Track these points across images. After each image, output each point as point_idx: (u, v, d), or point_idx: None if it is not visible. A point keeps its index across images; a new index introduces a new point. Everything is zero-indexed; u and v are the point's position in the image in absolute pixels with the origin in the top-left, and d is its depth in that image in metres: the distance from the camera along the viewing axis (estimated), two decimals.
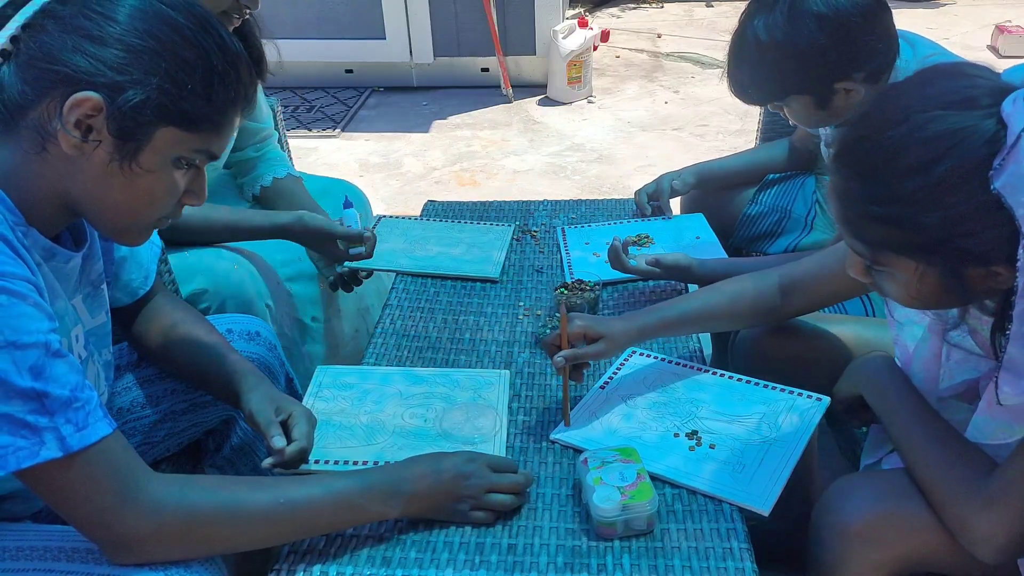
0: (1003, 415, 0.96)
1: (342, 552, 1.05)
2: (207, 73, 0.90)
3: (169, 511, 0.90)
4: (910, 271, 0.92)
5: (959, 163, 0.84)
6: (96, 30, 0.86)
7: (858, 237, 0.94)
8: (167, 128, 0.90)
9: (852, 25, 1.37)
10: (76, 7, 0.87)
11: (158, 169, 0.92)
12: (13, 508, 1.06)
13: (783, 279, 1.32)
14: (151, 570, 0.91)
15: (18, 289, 0.83)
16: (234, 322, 1.36)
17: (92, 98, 0.86)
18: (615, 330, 1.28)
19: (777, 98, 1.48)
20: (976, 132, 0.84)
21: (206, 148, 0.95)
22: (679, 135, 3.83)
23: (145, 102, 0.87)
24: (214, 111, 0.93)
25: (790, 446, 1.18)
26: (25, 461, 0.82)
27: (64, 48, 0.86)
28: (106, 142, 0.88)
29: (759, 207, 1.90)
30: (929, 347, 1.10)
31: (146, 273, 1.24)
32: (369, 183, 3.40)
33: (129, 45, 0.86)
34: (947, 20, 5.15)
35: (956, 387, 1.09)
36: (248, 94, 0.97)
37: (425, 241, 1.82)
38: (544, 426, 1.28)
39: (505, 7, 4.15)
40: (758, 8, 1.43)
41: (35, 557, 0.95)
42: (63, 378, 0.84)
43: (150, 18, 0.88)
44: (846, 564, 1.06)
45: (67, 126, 0.86)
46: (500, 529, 1.09)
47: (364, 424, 1.25)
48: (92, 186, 0.91)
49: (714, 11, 5.61)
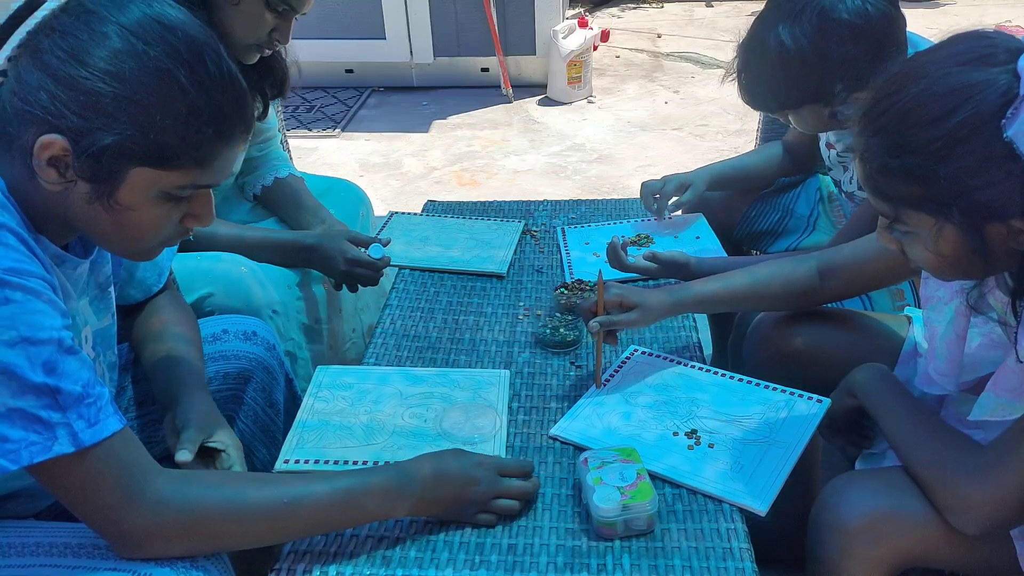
0: (1006, 393, 0.98)
1: (342, 551, 1.05)
2: (179, 112, 0.87)
3: (174, 508, 0.90)
4: (929, 227, 0.93)
5: (973, 114, 0.86)
6: (63, 71, 0.84)
7: (878, 194, 0.96)
8: (140, 168, 0.88)
9: (880, 35, 1.35)
10: (54, 41, 0.85)
11: (140, 206, 0.90)
12: (17, 508, 1.06)
13: (821, 263, 1.33)
14: (157, 565, 0.91)
15: (33, 286, 0.83)
16: (231, 323, 1.36)
17: (57, 141, 0.85)
18: (650, 300, 1.31)
19: (791, 107, 1.44)
20: (991, 85, 0.86)
21: (191, 183, 0.92)
22: (679, 135, 3.83)
23: (109, 146, 0.85)
24: (192, 149, 0.89)
25: (789, 446, 1.18)
26: (38, 456, 0.82)
27: (33, 87, 0.85)
28: (81, 182, 0.87)
29: (761, 205, 1.89)
30: (955, 327, 1.10)
31: (160, 271, 1.26)
32: (369, 183, 3.40)
33: (92, 89, 0.84)
34: (947, 20, 5.15)
35: (976, 381, 1.10)
36: (237, 127, 0.93)
37: (434, 236, 1.83)
38: (544, 426, 1.28)
39: (505, 7, 4.15)
40: (780, 15, 1.38)
41: (40, 553, 0.95)
42: (76, 374, 0.85)
43: (122, 59, 0.85)
44: (846, 562, 1.07)
45: (41, 165, 0.86)
46: (500, 529, 1.08)
47: (363, 424, 1.25)
48: (81, 216, 0.91)
49: (714, 11, 5.61)
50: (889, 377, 1.20)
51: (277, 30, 1.49)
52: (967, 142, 0.86)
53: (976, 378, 1.09)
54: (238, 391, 1.34)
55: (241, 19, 1.44)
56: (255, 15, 1.45)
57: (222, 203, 1.75)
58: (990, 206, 0.87)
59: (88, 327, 1.04)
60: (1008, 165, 0.85)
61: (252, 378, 1.34)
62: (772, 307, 1.40)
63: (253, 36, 1.47)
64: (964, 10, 5.35)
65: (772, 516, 1.09)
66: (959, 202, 0.88)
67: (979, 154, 0.86)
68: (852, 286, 1.34)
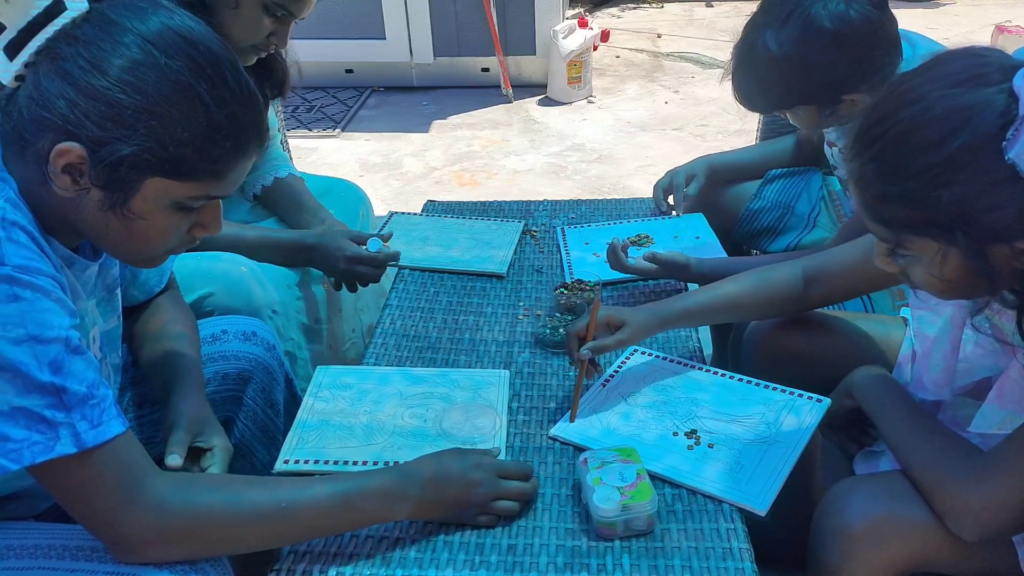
0: (1010, 405, 0.98)
1: (342, 552, 1.05)
2: (200, 126, 0.88)
3: (172, 511, 0.90)
4: (933, 252, 0.91)
5: (972, 138, 0.84)
6: (84, 80, 0.84)
7: (879, 221, 0.94)
8: (156, 179, 0.89)
9: (863, 40, 1.37)
10: (75, 47, 0.85)
11: (152, 215, 0.91)
12: (18, 509, 1.06)
13: (807, 270, 1.32)
14: (156, 568, 0.91)
15: (42, 284, 0.84)
16: (231, 323, 1.36)
17: (75, 149, 0.85)
18: (637, 318, 1.29)
19: (783, 108, 1.49)
20: (988, 107, 0.84)
21: (204, 194, 0.93)
22: (679, 135, 3.83)
23: (127, 157, 0.86)
24: (210, 162, 0.90)
25: (789, 447, 1.18)
26: (40, 456, 0.82)
27: (52, 94, 0.85)
28: (95, 190, 0.88)
29: (762, 202, 1.89)
30: (949, 338, 1.10)
31: (162, 272, 1.27)
32: (369, 183, 3.40)
33: (113, 100, 0.84)
34: (947, 20, 5.15)
35: (972, 385, 1.10)
36: (252, 141, 0.94)
37: (434, 236, 1.83)
38: (544, 426, 1.28)
39: (505, 7, 4.15)
40: (768, 19, 1.42)
41: (40, 555, 0.95)
42: (81, 374, 0.85)
43: (143, 71, 0.85)
44: (848, 566, 1.07)
45: (56, 171, 0.86)
46: (500, 529, 1.08)
47: (363, 424, 1.25)
48: (92, 223, 0.92)
49: (714, 11, 5.61)
50: (888, 380, 1.20)
51: (275, 34, 1.50)
52: (968, 167, 0.85)
53: (971, 382, 1.09)
54: (238, 392, 1.34)
55: (239, 22, 1.44)
56: (253, 19, 1.45)
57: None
58: (995, 229, 0.86)
59: (96, 328, 1.05)
60: (1011, 187, 0.83)
61: (252, 379, 1.34)
62: (757, 316, 1.40)
63: (251, 39, 1.48)
64: (964, 10, 5.35)
65: (772, 516, 1.08)
66: (963, 227, 0.87)
67: (982, 178, 0.84)
68: (837, 293, 1.33)
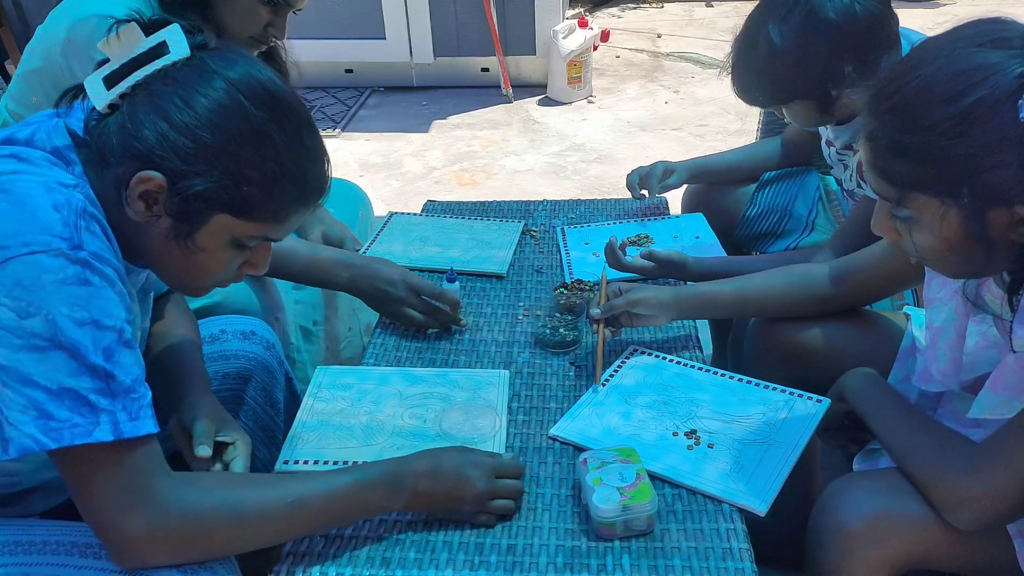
0: (1004, 392, 0.98)
1: (342, 553, 1.05)
2: (272, 172, 0.94)
3: (174, 512, 0.90)
4: (933, 211, 0.92)
5: (988, 95, 0.86)
6: (176, 115, 0.90)
7: (884, 176, 0.95)
8: (223, 215, 0.94)
9: (865, 36, 1.37)
10: (171, 87, 0.91)
11: (212, 248, 0.97)
12: (34, 504, 1.07)
13: (833, 269, 1.34)
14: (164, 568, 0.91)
15: (109, 274, 0.89)
16: (229, 322, 1.36)
17: (156, 178, 0.91)
18: (656, 291, 1.35)
19: (782, 102, 1.49)
20: (1006, 67, 0.86)
21: (262, 235, 0.99)
22: (679, 135, 3.83)
23: (204, 192, 0.92)
24: (275, 206, 0.96)
25: (788, 447, 1.18)
26: (79, 438, 0.84)
27: (145, 125, 0.90)
28: (165, 218, 0.94)
29: (758, 208, 1.89)
30: (955, 327, 1.10)
31: None
32: (369, 183, 3.40)
33: (199, 138, 0.90)
34: (947, 20, 5.15)
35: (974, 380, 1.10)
36: (314, 195, 1.00)
37: (434, 237, 1.83)
38: (544, 426, 1.28)
39: (505, 7, 4.15)
40: (770, 13, 1.42)
41: (47, 551, 0.95)
42: (129, 367, 0.88)
43: (228, 113, 0.91)
44: (846, 564, 1.06)
45: (133, 196, 0.91)
46: (500, 529, 1.08)
47: (363, 424, 1.25)
48: (154, 248, 0.97)
49: (714, 11, 5.61)
50: (878, 381, 1.21)
51: (272, 25, 1.51)
52: (982, 122, 0.86)
53: (974, 377, 1.09)
54: (238, 391, 1.34)
55: (236, 14, 1.45)
56: (249, 10, 1.46)
57: None
58: (998, 189, 0.87)
59: (140, 329, 1.08)
60: (1020, 148, 0.85)
61: (252, 377, 1.34)
62: (778, 313, 1.40)
63: (249, 31, 1.48)
64: (964, 10, 5.35)
65: (772, 516, 1.09)
66: (969, 183, 0.88)
67: (993, 135, 0.86)
68: (865, 292, 1.35)
